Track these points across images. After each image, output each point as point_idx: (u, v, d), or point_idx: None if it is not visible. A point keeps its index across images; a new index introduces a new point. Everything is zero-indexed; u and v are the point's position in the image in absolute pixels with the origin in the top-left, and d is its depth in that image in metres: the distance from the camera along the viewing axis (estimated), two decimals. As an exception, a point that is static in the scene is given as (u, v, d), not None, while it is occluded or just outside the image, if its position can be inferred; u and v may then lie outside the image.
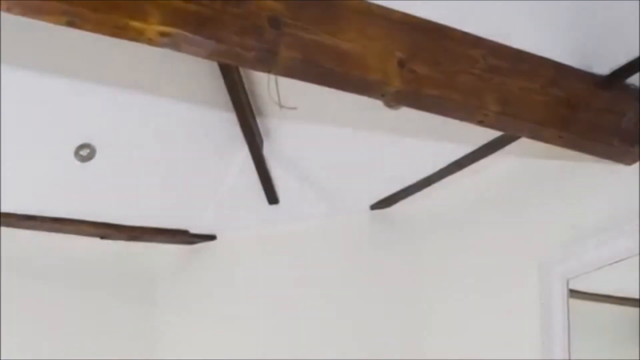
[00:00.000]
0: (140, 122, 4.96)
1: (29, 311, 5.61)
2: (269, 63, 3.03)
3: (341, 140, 5.01)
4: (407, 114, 3.81)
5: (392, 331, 5.33)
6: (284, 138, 5.19)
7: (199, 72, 4.77)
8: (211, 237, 5.78)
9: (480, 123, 3.55)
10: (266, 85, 4.63)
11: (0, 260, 5.45)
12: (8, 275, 5.52)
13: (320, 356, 5.39)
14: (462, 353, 4.92)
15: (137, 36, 2.71)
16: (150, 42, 2.74)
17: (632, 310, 4.10)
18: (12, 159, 4.87)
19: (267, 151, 5.24)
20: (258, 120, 5.08)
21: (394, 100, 3.40)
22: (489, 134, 4.28)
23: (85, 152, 4.94)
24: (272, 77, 4.21)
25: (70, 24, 2.61)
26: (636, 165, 3.89)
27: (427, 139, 4.65)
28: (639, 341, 4.01)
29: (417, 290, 5.29)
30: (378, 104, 3.84)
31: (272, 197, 5.45)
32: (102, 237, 5.56)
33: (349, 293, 5.44)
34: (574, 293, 4.18)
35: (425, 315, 5.25)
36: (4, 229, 5.28)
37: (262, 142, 5.19)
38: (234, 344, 5.68)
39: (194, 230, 5.74)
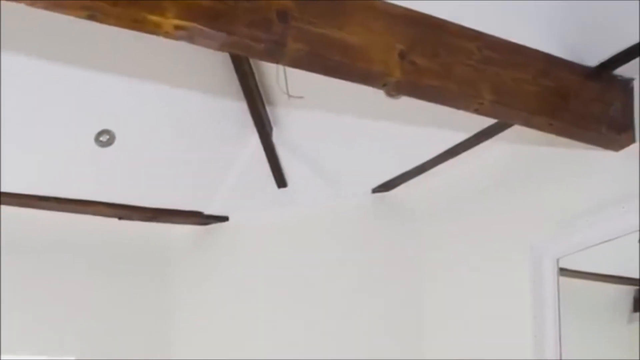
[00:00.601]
0: (157, 110, 4.97)
1: (50, 289, 5.66)
2: (277, 55, 3.04)
3: (345, 128, 5.01)
4: (407, 103, 3.81)
5: (392, 306, 5.35)
6: (292, 125, 5.19)
7: (212, 63, 4.78)
8: (223, 218, 5.77)
9: (476, 111, 3.56)
10: (275, 76, 4.65)
11: (4, 240, 5.47)
12: (30, 254, 5.60)
13: (324, 328, 5.45)
14: (459, 328, 4.95)
15: (154, 29, 2.73)
16: (167, 35, 2.76)
17: (619, 287, 4.13)
18: (35, 144, 4.94)
19: (276, 138, 5.26)
20: (267, 109, 5.10)
21: (395, 90, 3.41)
22: (484, 122, 4.27)
23: (105, 138, 4.95)
24: (281, 68, 4.22)
25: (91, 17, 2.62)
26: (623, 151, 3.89)
27: (425, 126, 4.63)
28: (627, 316, 4.05)
29: (415, 269, 5.31)
30: (380, 93, 3.85)
31: (280, 181, 5.46)
32: (120, 218, 5.55)
33: (351, 270, 5.45)
34: (563, 271, 4.18)
35: (422, 292, 5.27)
36: (27, 210, 5.29)
37: (271, 129, 5.21)
38: (244, 319, 5.70)
39: (207, 211, 5.73)
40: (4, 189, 5.07)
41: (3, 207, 5.19)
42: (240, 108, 5.06)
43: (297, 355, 5.46)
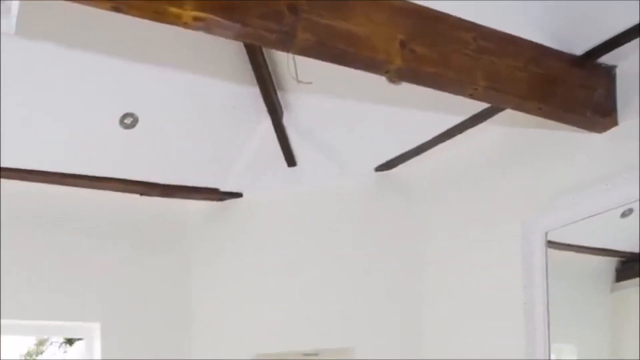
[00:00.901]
0: (177, 95, 4.96)
1: (77, 260, 5.69)
2: (288, 44, 3.07)
3: (350, 111, 5.00)
4: (407, 89, 3.81)
5: (393, 275, 5.38)
6: (301, 109, 5.18)
7: (227, 52, 4.79)
8: (238, 195, 5.76)
9: (471, 96, 3.59)
10: (286, 64, 4.64)
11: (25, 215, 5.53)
12: (58, 227, 5.62)
13: (330, 296, 5.49)
14: (455, 296, 4.99)
15: (174, 20, 2.76)
16: (186, 25, 2.79)
17: (602, 259, 4.14)
18: (66, 126, 4.94)
19: (286, 121, 5.25)
20: (279, 94, 5.09)
21: (396, 76, 3.39)
22: (478, 106, 4.28)
23: (129, 121, 4.97)
24: (291, 56, 4.20)
25: (116, 9, 2.65)
26: (606, 133, 3.91)
27: (424, 110, 4.64)
28: (610, 285, 4.08)
29: (414, 241, 5.33)
30: (382, 79, 3.86)
31: (290, 161, 5.46)
32: (142, 194, 5.56)
33: (355, 243, 5.47)
34: (551, 244, 4.21)
35: (421, 263, 5.28)
36: (56, 186, 5.33)
37: (282, 112, 5.20)
38: (256, 287, 5.74)
39: (223, 188, 5.72)
40: (35, 167, 5.10)
41: (34, 184, 5.23)
42: (253, 93, 5.06)
43: (304, 320, 5.55)
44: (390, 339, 5.35)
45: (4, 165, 5.02)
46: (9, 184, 5.21)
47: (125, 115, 4.94)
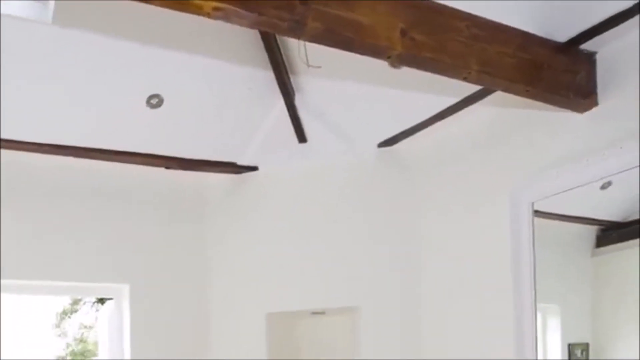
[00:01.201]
0: (199, 78, 4.96)
1: (108, 228, 5.73)
2: (299, 31, 3.09)
3: (355, 93, 4.99)
4: (407, 72, 3.81)
5: (394, 241, 5.42)
6: (311, 91, 5.17)
7: (244, 38, 4.78)
8: (253, 168, 5.75)
9: (465, 79, 3.61)
10: (297, 49, 4.65)
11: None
12: (90, 198, 5.66)
13: (338, 259, 5.52)
14: (450, 260, 5.03)
15: (196, 10, 2.80)
16: (207, 15, 2.83)
17: (584, 227, 4.18)
18: (98, 107, 4.95)
19: (298, 101, 5.25)
20: (291, 77, 5.09)
21: (397, 61, 3.40)
22: (471, 88, 4.31)
23: (155, 101, 4.97)
24: (302, 42, 4.23)
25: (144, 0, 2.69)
26: (587, 113, 3.93)
27: (422, 92, 4.64)
28: (590, 251, 4.12)
29: (413, 210, 5.36)
30: (384, 64, 3.88)
31: (301, 137, 5.47)
32: (167, 168, 5.54)
33: (360, 211, 5.49)
34: (537, 213, 4.24)
35: (419, 230, 5.33)
36: (92, 161, 5.33)
37: (294, 93, 5.19)
38: (268, 252, 5.75)
39: (240, 162, 5.72)
40: (68, 143, 5.12)
41: (71, 158, 5.24)
42: (268, 76, 5.05)
43: (312, 282, 5.57)
44: (391, 299, 5.39)
45: (46, 142, 5.05)
46: (50, 159, 5.24)
47: (151, 97, 4.94)
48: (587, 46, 3.82)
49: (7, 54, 4.41)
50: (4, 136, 4.92)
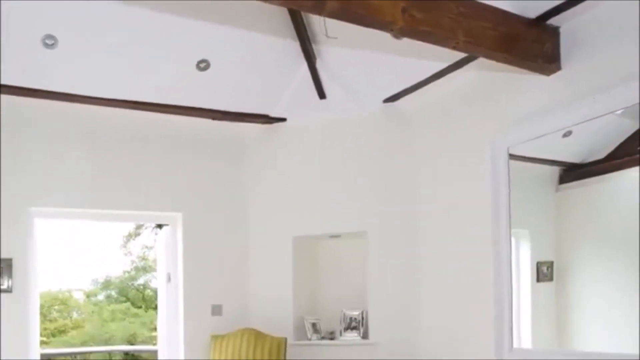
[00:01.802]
0: (238, 46, 4.95)
1: (164, 167, 5.76)
2: (320, 9, 3.17)
3: (365, 58, 4.98)
4: (407, 42, 3.87)
5: (395, 180, 5.44)
6: (329, 57, 5.15)
7: (275, 14, 4.80)
8: (282, 119, 5.75)
9: (454, 48, 3.66)
10: (318, 23, 4.69)
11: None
12: (152, 143, 5.70)
13: (349, 194, 5.54)
14: (441, 195, 5.06)
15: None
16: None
17: (549, 168, 4.19)
18: (162, 72, 5.01)
19: (318, 65, 5.25)
20: (313, 45, 5.08)
21: (399, 33, 3.47)
22: (459, 55, 4.35)
23: (203, 65, 5.00)
24: (322, 18, 4.21)
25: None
26: (552, 76, 3.98)
27: (419, 58, 4.66)
28: (555, 187, 4.14)
29: (412, 155, 5.37)
30: (388, 35, 3.91)
31: (321, 95, 5.45)
32: (213, 119, 5.57)
33: (368, 156, 5.49)
34: (512, 156, 4.29)
35: (417, 171, 5.34)
36: (154, 114, 5.41)
37: (315, 59, 5.19)
38: (294, 187, 5.78)
39: (271, 114, 5.73)
40: (135, 99, 5.18)
41: (136, 111, 5.31)
42: (294, 45, 5.06)
43: (330, 211, 5.59)
44: (393, 225, 5.43)
45: (118, 97, 5.13)
46: (124, 113, 5.34)
47: (200, 61, 4.98)
48: (552, 21, 3.86)
49: (86, 29, 4.51)
50: (94, 94, 5.02)
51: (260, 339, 5.41)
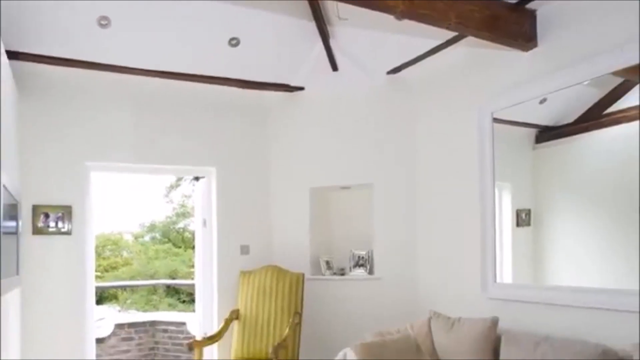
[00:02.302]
0: (265, 26, 4.93)
1: (200, 127, 5.75)
2: (333, -5, 3.16)
3: (372, 36, 4.96)
4: (407, 23, 3.93)
5: (398, 142, 5.42)
6: (341, 35, 5.12)
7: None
8: (301, 89, 5.75)
9: (447, 28, 3.69)
10: (332, 6, 4.69)
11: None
12: (189, 109, 5.69)
13: (358, 154, 5.52)
14: (436, 155, 5.04)
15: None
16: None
17: (527, 130, 4.17)
18: (195, 47, 4.99)
19: (332, 43, 5.21)
20: (327, 26, 5.04)
21: (401, 15, 3.50)
22: (451, 34, 4.34)
23: (234, 42, 5.00)
24: (335, 2, 4.21)
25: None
26: (530, 52, 3.98)
27: (417, 36, 4.64)
28: (531, 146, 4.11)
29: (412, 120, 5.34)
30: (391, 17, 3.93)
31: (334, 67, 5.43)
32: (242, 87, 5.55)
33: (375, 121, 5.48)
34: (496, 120, 4.29)
35: (416, 134, 5.32)
36: (191, 83, 5.38)
37: (329, 37, 5.15)
38: (311, 147, 5.78)
39: (292, 84, 5.71)
40: (175, 70, 5.16)
41: (176, 81, 5.29)
42: (311, 25, 5.02)
43: (341, 166, 5.59)
44: (396, 179, 5.43)
45: (161, 69, 5.11)
46: (165, 82, 5.30)
47: (232, 39, 4.98)
48: (530, 5, 3.87)
49: (135, 11, 4.52)
50: (141, 67, 5.03)
51: (281, 274, 5.45)
